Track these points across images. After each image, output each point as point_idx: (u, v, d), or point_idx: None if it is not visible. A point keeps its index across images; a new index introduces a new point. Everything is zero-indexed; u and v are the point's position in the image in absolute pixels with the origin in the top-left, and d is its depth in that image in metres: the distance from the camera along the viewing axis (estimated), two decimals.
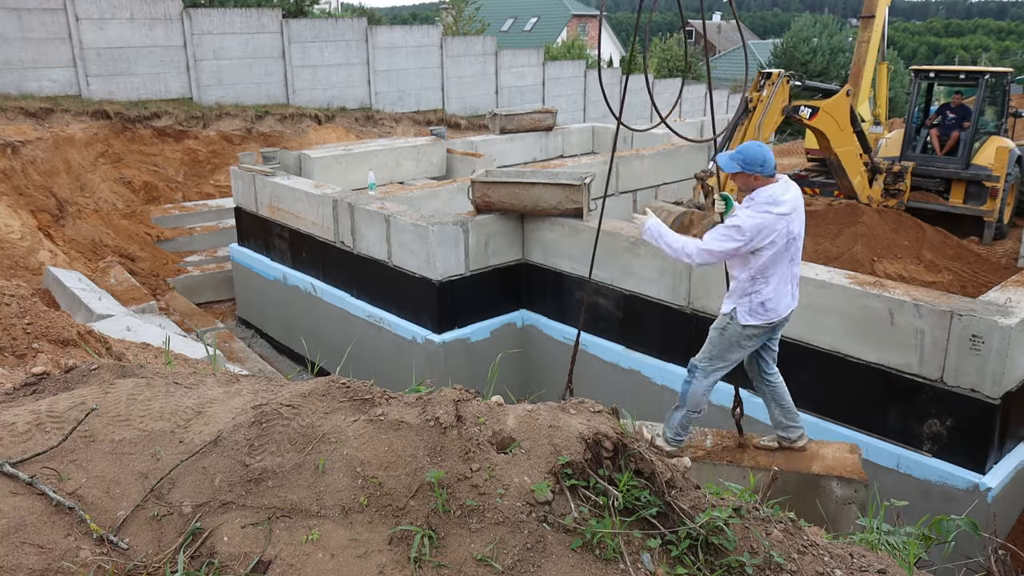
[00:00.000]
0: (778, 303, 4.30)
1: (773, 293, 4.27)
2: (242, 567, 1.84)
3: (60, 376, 2.64)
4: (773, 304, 4.29)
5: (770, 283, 4.25)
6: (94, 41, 14.79)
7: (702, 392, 4.55)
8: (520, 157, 13.16)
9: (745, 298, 4.30)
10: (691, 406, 4.59)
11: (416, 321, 7.98)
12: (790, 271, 4.31)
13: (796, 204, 4.24)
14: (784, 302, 4.33)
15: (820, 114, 10.97)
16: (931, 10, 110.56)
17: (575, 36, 39.66)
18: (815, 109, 10.92)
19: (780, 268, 4.24)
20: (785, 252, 4.22)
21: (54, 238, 11.29)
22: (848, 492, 4.54)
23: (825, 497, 4.55)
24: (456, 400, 2.25)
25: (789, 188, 4.25)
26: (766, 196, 4.14)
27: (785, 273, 4.28)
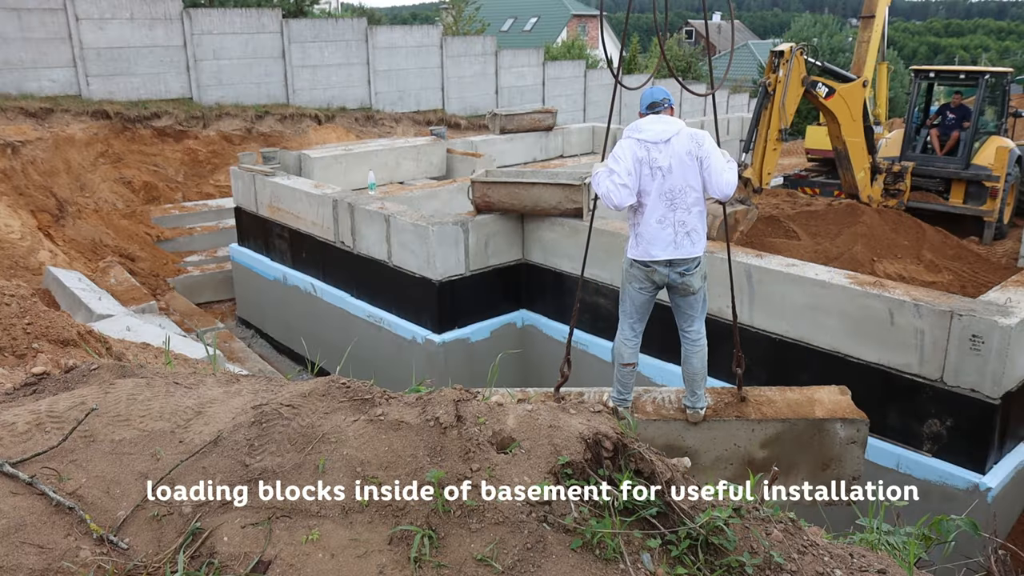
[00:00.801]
0: (651, 240, 4.35)
1: (645, 228, 4.35)
2: (242, 567, 1.84)
3: (60, 376, 2.64)
4: (645, 239, 4.36)
5: (645, 215, 4.34)
6: (94, 41, 14.79)
7: (621, 343, 4.62)
8: (520, 157, 13.16)
9: (631, 230, 4.48)
10: (616, 358, 4.66)
11: (416, 321, 7.98)
12: (671, 214, 4.32)
13: (666, 138, 4.30)
14: (658, 244, 4.35)
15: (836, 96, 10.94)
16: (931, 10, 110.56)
17: (575, 36, 39.67)
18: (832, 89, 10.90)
19: (650, 201, 4.32)
20: (652, 183, 4.29)
21: (54, 238, 11.29)
22: (851, 432, 4.67)
23: (830, 439, 4.67)
24: (456, 400, 2.25)
25: (662, 122, 4.35)
26: (632, 125, 4.39)
27: (657, 210, 4.32)
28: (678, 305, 4.56)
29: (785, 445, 4.68)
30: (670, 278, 4.41)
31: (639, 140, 4.34)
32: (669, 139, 4.31)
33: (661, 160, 4.29)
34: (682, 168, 4.30)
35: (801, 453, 4.72)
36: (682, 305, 4.55)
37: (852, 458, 4.72)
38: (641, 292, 4.50)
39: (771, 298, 6.30)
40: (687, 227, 4.35)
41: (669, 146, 4.31)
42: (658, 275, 4.41)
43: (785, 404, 4.81)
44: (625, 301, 4.59)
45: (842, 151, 11.67)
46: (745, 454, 4.68)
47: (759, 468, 4.68)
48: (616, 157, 4.35)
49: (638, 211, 4.39)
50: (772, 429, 4.65)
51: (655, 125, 4.36)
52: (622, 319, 4.62)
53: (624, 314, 4.60)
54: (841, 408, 4.79)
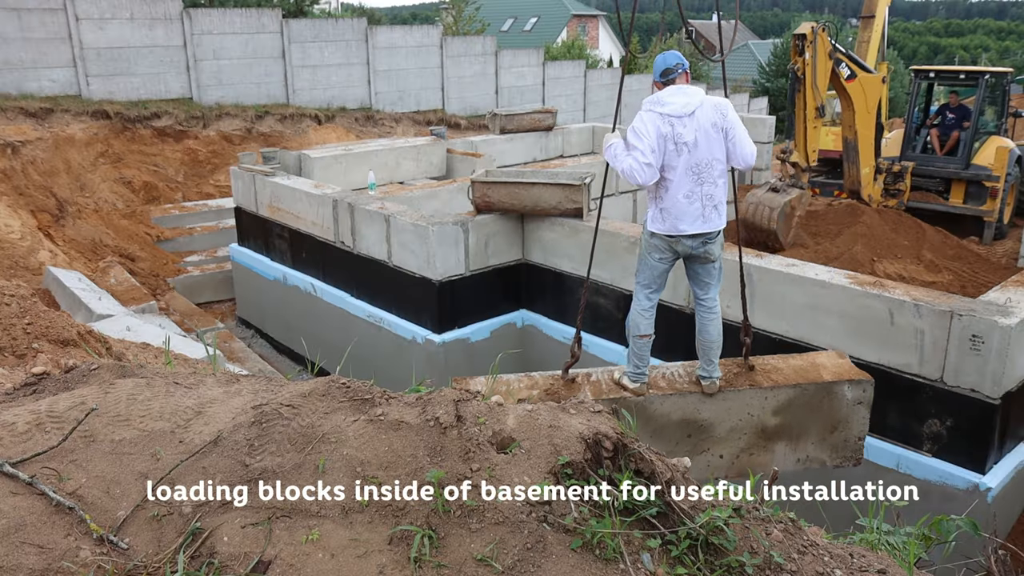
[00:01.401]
0: (678, 215, 4.27)
1: (671, 203, 4.25)
2: (242, 567, 1.84)
3: (60, 376, 2.64)
4: (671, 215, 4.27)
5: (669, 190, 4.24)
6: (94, 41, 14.79)
7: (637, 313, 4.52)
8: (520, 157, 13.16)
9: (651, 203, 4.37)
10: (632, 330, 4.56)
11: (416, 321, 7.98)
12: (698, 189, 4.24)
13: (690, 111, 4.18)
14: (686, 219, 4.27)
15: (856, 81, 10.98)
16: (931, 10, 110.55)
17: (575, 36, 39.67)
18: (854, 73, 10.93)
19: (677, 177, 4.21)
20: (677, 158, 4.18)
21: (54, 238, 11.29)
22: (858, 393, 4.74)
23: (838, 401, 4.73)
24: (456, 400, 2.25)
25: (683, 93, 4.23)
26: (653, 98, 4.26)
27: (685, 185, 4.23)
28: (696, 273, 4.50)
29: (796, 411, 4.71)
30: (693, 248, 4.35)
31: (662, 115, 4.18)
32: (693, 112, 4.18)
33: (686, 135, 4.16)
34: (708, 141, 4.20)
35: (811, 417, 4.75)
36: (701, 273, 4.49)
37: (859, 419, 4.79)
38: (661, 262, 4.43)
39: (771, 298, 6.30)
40: (714, 200, 4.29)
41: (694, 119, 4.18)
42: (682, 246, 4.34)
43: (792, 370, 4.84)
44: (643, 272, 4.49)
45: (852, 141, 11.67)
46: (758, 423, 4.69)
47: (772, 436, 4.72)
48: (638, 133, 4.19)
49: (661, 186, 4.26)
50: (784, 396, 4.67)
51: (678, 98, 4.21)
52: (638, 290, 4.52)
53: (641, 285, 4.51)
54: (846, 370, 4.85)
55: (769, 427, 4.70)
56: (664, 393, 4.59)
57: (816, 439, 4.81)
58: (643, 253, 4.48)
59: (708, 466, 4.67)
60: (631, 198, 11.08)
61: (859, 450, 4.90)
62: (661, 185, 4.27)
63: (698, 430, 4.60)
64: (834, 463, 4.90)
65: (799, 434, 4.77)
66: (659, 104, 4.22)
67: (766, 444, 4.74)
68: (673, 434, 4.55)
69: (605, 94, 24.35)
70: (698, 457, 4.63)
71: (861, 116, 11.31)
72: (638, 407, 4.43)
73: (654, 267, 4.45)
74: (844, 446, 4.88)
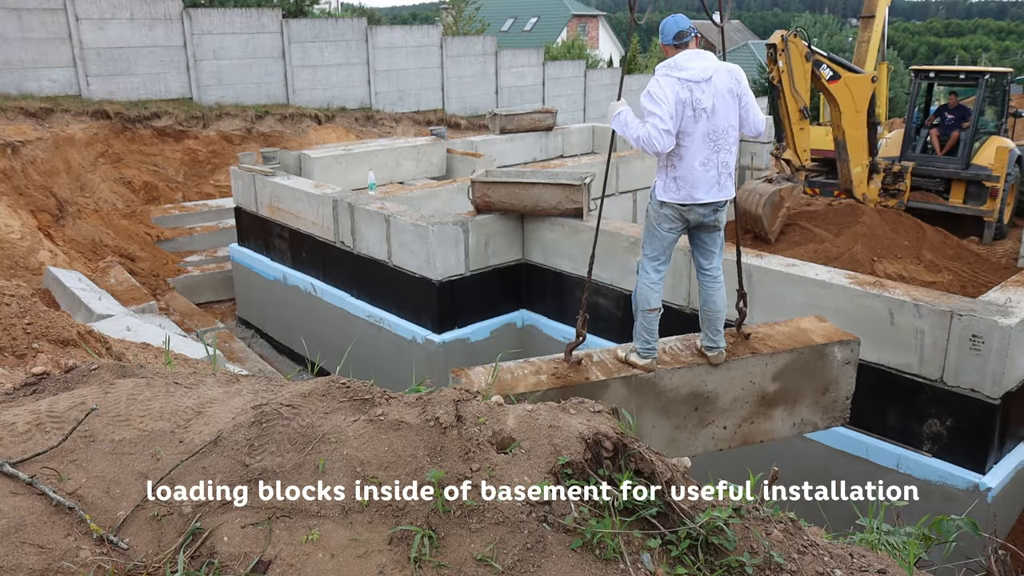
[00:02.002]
0: (693, 184, 4.18)
1: (687, 171, 4.16)
2: (242, 567, 1.84)
3: (60, 376, 2.64)
4: (686, 183, 4.18)
5: (684, 159, 4.14)
6: (94, 41, 14.79)
7: (646, 286, 4.43)
8: (520, 157, 13.16)
9: (662, 172, 4.25)
10: (641, 304, 4.46)
11: (416, 321, 7.98)
12: (714, 156, 4.17)
13: (708, 76, 4.09)
14: (702, 187, 4.19)
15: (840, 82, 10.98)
16: (931, 10, 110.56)
17: (575, 36, 39.67)
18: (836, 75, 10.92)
19: (693, 144, 4.12)
20: (695, 125, 4.09)
21: (54, 238, 11.29)
22: (847, 353, 4.82)
23: (829, 363, 4.79)
24: (456, 400, 2.25)
25: (700, 58, 4.14)
26: (669, 62, 4.13)
27: (701, 152, 4.14)
28: (702, 242, 4.45)
29: (792, 375, 4.74)
30: (704, 217, 4.29)
31: (680, 80, 4.05)
32: (711, 77, 4.09)
33: (704, 101, 4.07)
34: (724, 107, 4.13)
35: (805, 381, 4.80)
36: (707, 242, 4.44)
37: (847, 379, 4.88)
38: (671, 232, 4.34)
39: (771, 298, 6.30)
40: (728, 168, 4.24)
41: (711, 84, 4.09)
42: (694, 214, 4.27)
43: (784, 336, 4.87)
44: (653, 243, 4.39)
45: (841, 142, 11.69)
46: (759, 390, 4.69)
47: (771, 402, 4.75)
48: (656, 98, 4.04)
49: (675, 154, 4.15)
50: (782, 361, 4.69)
51: (695, 62, 4.09)
52: (646, 263, 4.43)
53: (650, 257, 4.42)
54: (832, 332, 4.92)
55: (769, 394, 4.73)
56: (673, 367, 4.52)
57: (810, 402, 4.86)
58: (652, 224, 4.36)
59: (713, 438, 4.66)
60: (631, 198, 11.08)
61: (847, 409, 4.98)
62: (675, 153, 4.15)
63: (704, 402, 4.58)
64: (825, 424, 4.97)
65: (795, 398, 4.81)
66: (676, 69, 4.08)
67: (766, 411, 4.77)
68: (681, 408, 4.52)
69: (605, 94, 24.33)
70: (703, 430, 4.61)
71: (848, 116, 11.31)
72: (648, 383, 4.38)
73: (664, 238, 4.36)
74: (833, 406, 4.95)
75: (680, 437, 4.54)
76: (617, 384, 4.29)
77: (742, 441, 4.75)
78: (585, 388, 4.17)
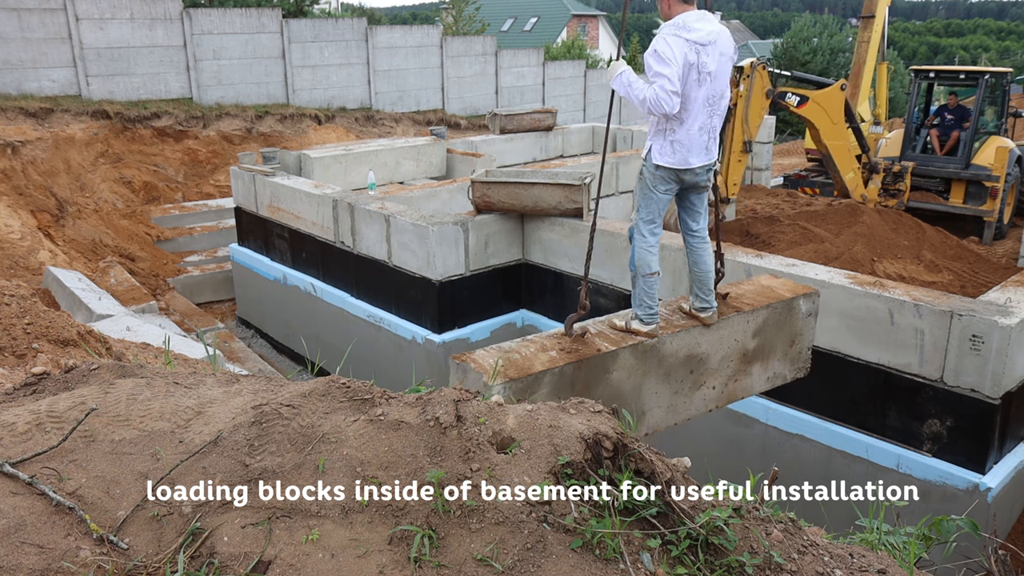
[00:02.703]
0: (690, 148, 4.17)
1: (685, 135, 4.14)
2: (242, 567, 1.84)
3: (60, 376, 2.64)
4: (683, 147, 4.16)
5: (684, 123, 4.11)
6: (94, 41, 14.79)
7: (644, 250, 4.40)
8: (520, 157, 13.16)
9: (659, 136, 4.20)
10: (641, 269, 4.43)
11: (416, 321, 7.98)
12: (708, 122, 4.17)
13: (714, 40, 4.07)
14: (695, 151, 4.19)
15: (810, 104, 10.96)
16: (931, 10, 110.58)
17: (575, 36, 39.67)
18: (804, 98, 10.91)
19: (694, 108, 4.09)
20: (698, 89, 4.06)
21: (54, 238, 11.29)
22: (810, 305, 5.00)
23: (796, 316, 4.94)
24: (456, 400, 2.25)
25: (706, 19, 4.10)
26: (678, 21, 4.05)
27: (700, 117, 4.13)
28: (692, 203, 4.45)
29: (768, 330, 4.84)
30: (698, 178, 4.30)
31: (689, 41, 3.96)
32: (715, 40, 4.06)
33: (710, 64, 4.04)
34: (722, 72, 4.13)
35: (778, 334, 4.91)
36: (696, 203, 4.45)
37: (810, 330, 5.07)
38: (667, 194, 4.33)
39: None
40: (715, 132, 4.26)
41: (716, 48, 4.06)
42: (689, 175, 4.26)
43: (754, 293, 4.94)
44: (648, 206, 4.35)
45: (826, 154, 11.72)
46: (742, 347, 4.76)
47: (751, 359, 4.82)
48: (664, 58, 3.95)
49: (675, 118, 4.10)
50: (761, 317, 4.78)
51: (703, 24, 4.03)
52: (642, 227, 4.39)
53: (646, 221, 4.38)
54: (795, 287, 5.07)
55: (749, 350, 4.80)
56: (673, 332, 4.51)
57: (780, 355, 4.97)
58: (647, 187, 4.33)
59: (704, 400, 4.69)
60: (631, 198, 11.08)
61: (808, 360, 5.12)
62: (675, 117, 4.08)
63: (698, 364, 4.61)
64: (792, 376, 5.08)
65: (768, 353, 4.90)
66: (685, 29, 3.99)
67: (746, 368, 4.83)
68: (679, 372, 4.53)
69: (605, 94, 24.32)
70: (697, 393, 4.63)
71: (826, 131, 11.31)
72: (652, 350, 4.36)
73: (660, 199, 4.34)
74: (798, 358, 5.07)
75: (678, 402, 4.55)
76: (626, 353, 4.25)
77: (727, 400, 4.81)
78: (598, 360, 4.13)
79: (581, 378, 4.06)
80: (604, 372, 4.15)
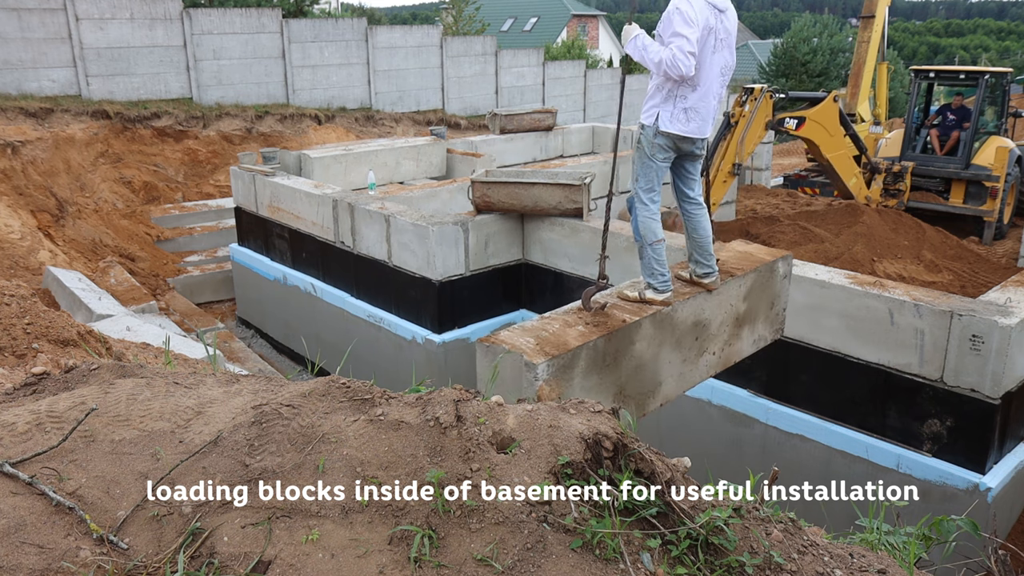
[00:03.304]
0: (704, 117, 4.14)
1: (700, 102, 4.09)
2: (242, 567, 1.84)
3: (60, 376, 2.64)
4: (698, 115, 4.11)
5: (698, 89, 4.06)
6: (94, 41, 14.79)
7: (648, 219, 4.36)
8: (520, 157, 13.16)
9: (668, 102, 4.11)
10: (648, 238, 4.39)
11: (416, 321, 7.98)
12: (719, 91, 4.15)
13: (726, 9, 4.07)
14: (709, 121, 4.18)
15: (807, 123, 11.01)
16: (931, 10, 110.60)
17: (575, 36, 39.67)
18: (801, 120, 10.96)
19: (709, 76, 4.06)
20: (713, 55, 4.03)
21: (54, 238, 11.29)
22: (786, 268, 5.16)
23: (775, 278, 5.04)
24: (456, 400, 2.25)
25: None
26: None
27: (715, 85, 4.11)
28: (687, 171, 4.44)
29: (754, 294, 4.90)
30: (696, 148, 4.28)
31: (710, 5, 3.94)
32: (727, 10, 4.07)
33: (722, 32, 4.04)
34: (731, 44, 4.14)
35: (761, 297, 4.98)
36: (691, 170, 4.44)
37: (785, 292, 5.22)
38: (665, 162, 4.29)
39: None
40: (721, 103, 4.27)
41: (727, 16, 4.07)
42: (687, 144, 4.22)
43: (737, 259, 5.00)
44: (647, 175, 4.29)
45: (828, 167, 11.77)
46: (735, 311, 4.79)
47: (741, 322, 4.87)
48: (688, 19, 3.88)
49: (688, 84, 4.03)
50: (750, 280, 4.85)
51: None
52: (643, 195, 4.34)
53: (646, 190, 4.33)
54: (769, 251, 5.20)
55: (741, 314, 4.85)
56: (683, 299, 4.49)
57: (763, 317, 5.04)
58: (647, 157, 4.26)
59: (707, 367, 4.69)
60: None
61: (783, 320, 5.25)
62: (688, 84, 4.02)
63: (703, 330, 4.61)
64: (771, 337, 5.17)
65: (755, 315, 4.96)
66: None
67: (738, 332, 4.86)
68: (687, 339, 4.52)
69: (605, 94, 24.35)
70: (701, 359, 4.63)
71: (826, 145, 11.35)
72: (667, 319, 4.33)
73: (658, 168, 4.29)
74: (776, 319, 5.17)
75: (686, 370, 4.55)
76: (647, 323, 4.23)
77: (723, 365, 4.82)
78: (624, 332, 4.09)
79: (611, 351, 3.99)
80: (629, 344, 4.10)
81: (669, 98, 4.11)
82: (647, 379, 4.26)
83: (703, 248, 4.52)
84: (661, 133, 4.16)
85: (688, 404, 6.82)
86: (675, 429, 6.97)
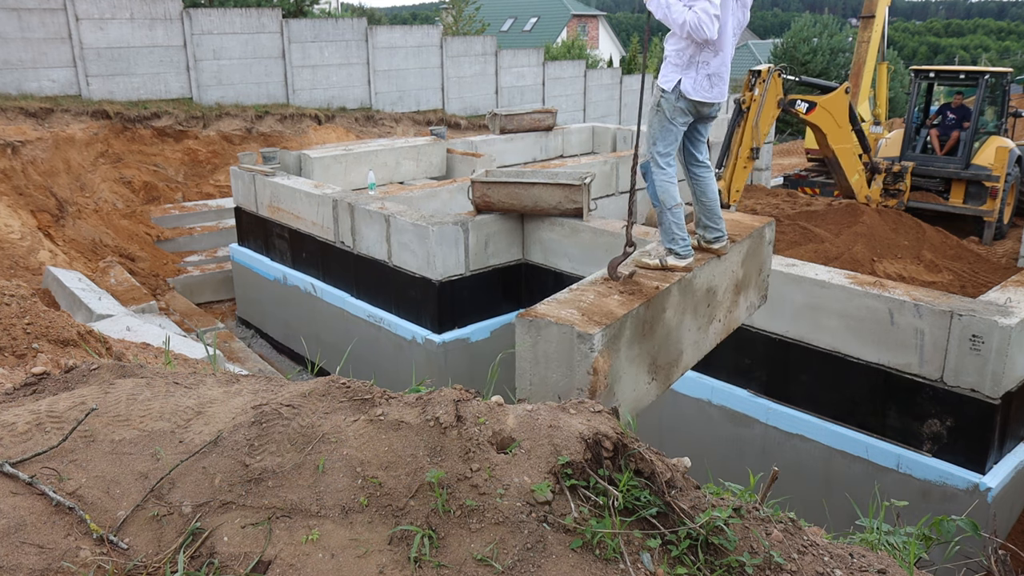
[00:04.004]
0: (723, 81, 4.13)
1: (720, 67, 4.07)
2: (242, 567, 1.84)
3: (60, 376, 2.64)
4: (720, 80, 4.10)
5: (719, 54, 4.05)
6: (94, 41, 14.79)
7: (666, 182, 4.31)
8: (520, 157, 13.16)
9: (691, 68, 4.08)
10: (667, 202, 4.33)
11: (416, 321, 7.98)
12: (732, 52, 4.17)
13: None
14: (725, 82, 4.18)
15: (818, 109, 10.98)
16: (931, 10, 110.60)
17: (575, 36, 39.68)
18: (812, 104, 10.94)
19: (724, 38, 4.03)
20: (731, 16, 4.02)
21: (54, 238, 11.29)
22: (771, 234, 5.20)
23: (763, 244, 5.07)
24: (456, 400, 2.25)
25: None
26: None
27: (730, 50, 4.12)
28: (699, 133, 4.42)
29: (749, 259, 4.90)
30: (712, 112, 4.27)
31: None
32: None
33: None
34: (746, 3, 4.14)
35: (753, 263, 4.99)
36: (703, 132, 4.42)
37: (770, 257, 5.27)
38: (684, 125, 4.26)
39: (771, 298, 6.29)
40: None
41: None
42: (705, 107, 4.20)
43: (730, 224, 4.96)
44: (667, 140, 4.24)
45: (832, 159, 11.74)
46: (735, 277, 4.78)
47: (739, 288, 4.85)
48: None
49: (709, 49, 4.01)
50: (746, 246, 4.84)
51: None
52: (661, 159, 4.28)
53: (662, 154, 4.27)
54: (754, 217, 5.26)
55: (739, 279, 4.83)
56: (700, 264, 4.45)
57: (754, 283, 5.06)
58: (666, 121, 4.20)
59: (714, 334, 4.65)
60: None
61: (768, 286, 5.31)
62: (709, 49, 4.02)
63: (712, 297, 4.58)
64: (760, 303, 5.22)
65: (748, 281, 4.96)
66: None
67: (736, 298, 4.84)
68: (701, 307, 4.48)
69: (605, 94, 24.35)
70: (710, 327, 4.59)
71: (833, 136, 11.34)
72: (688, 285, 4.28)
73: (678, 131, 4.26)
74: (762, 285, 5.20)
75: (700, 338, 4.50)
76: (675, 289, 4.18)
77: (725, 332, 4.80)
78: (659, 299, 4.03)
79: (649, 319, 3.92)
80: (661, 311, 4.05)
81: (692, 64, 4.08)
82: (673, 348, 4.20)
83: (712, 211, 4.49)
84: (684, 98, 4.12)
85: (688, 404, 6.82)
86: (675, 429, 6.97)
